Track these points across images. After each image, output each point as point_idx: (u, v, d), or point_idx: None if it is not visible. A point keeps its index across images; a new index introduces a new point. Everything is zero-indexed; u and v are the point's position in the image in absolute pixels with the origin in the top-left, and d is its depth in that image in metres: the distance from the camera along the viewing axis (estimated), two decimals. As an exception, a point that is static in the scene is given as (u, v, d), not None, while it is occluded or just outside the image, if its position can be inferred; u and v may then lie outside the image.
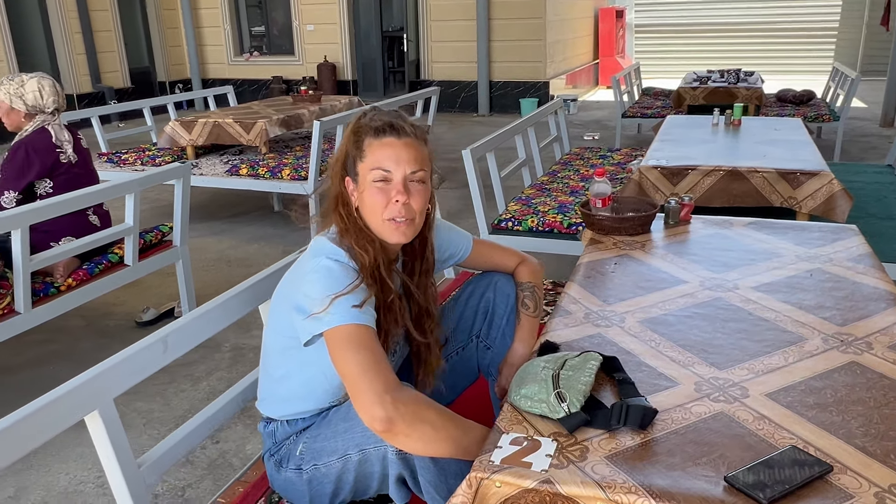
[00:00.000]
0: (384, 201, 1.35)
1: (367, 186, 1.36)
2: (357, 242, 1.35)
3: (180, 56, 11.75)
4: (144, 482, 1.32)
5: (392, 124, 1.36)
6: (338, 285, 1.27)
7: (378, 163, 1.35)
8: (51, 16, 9.65)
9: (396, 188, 1.35)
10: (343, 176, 1.41)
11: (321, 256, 1.32)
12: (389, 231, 1.38)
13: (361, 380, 1.16)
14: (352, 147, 1.38)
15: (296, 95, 5.99)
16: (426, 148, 1.41)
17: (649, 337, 1.51)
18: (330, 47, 10.90)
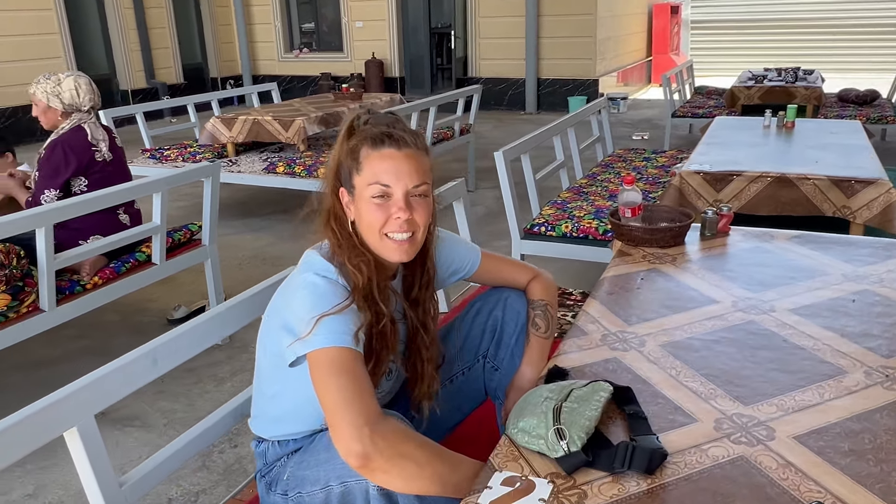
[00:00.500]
0: (383, 218, 1.26)
1: (364, 201, 1.27)
2: (350, 260, 1.26)
3: (232, 53, 11.91)
4: (126, 502, 1.27)
5: (391, 134, 1.26)
6: (324, 304, 1.19)
7: (377, 177, 1.25)
8: (108, 12, 9.88)
9: (397, 204, 1.26)
10: (336, 187, 1.32)
11: (309, 272, 1.25)
12: (389, 249, 1.29)
13: (339, 410, 1.08)
14: (346, 157, 1.29)
15: (337, 93, 5.97)
16: (427, 158, 1.31)
17: (670, 364, 1.39)
18: (378, 44, 10.88)
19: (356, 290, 1.24)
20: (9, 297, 2.46)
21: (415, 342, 1.41)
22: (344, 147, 1.29)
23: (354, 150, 1.27)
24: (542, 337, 1.46)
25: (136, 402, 2.79)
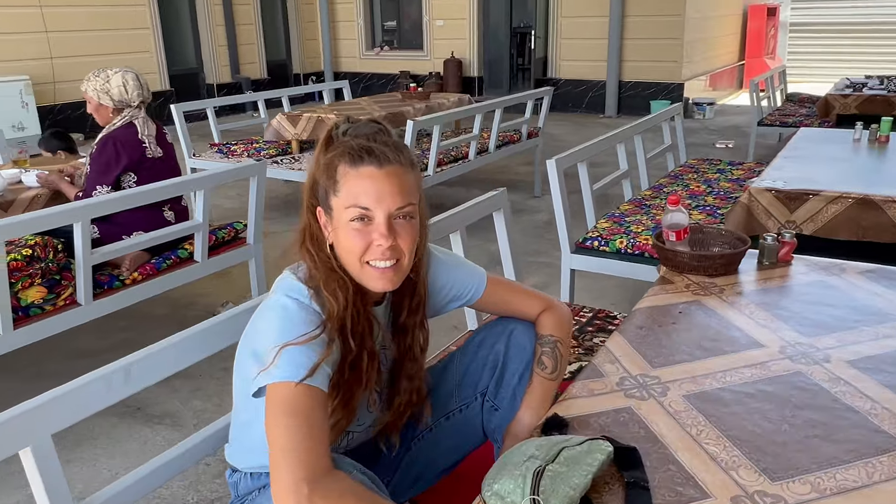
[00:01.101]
0: (364, 244, 1.13)
1: (342, 225, 1.14)
2: (326, 285, 1.14)
3: (315, 49, 12.09)
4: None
5: (370, 149, 1.12)
6: (292, 331, 1.07)
7: (355, 199, 1.12)
8: (198, 9, 10.19)
9: (379, 230, 1.12)
10: (313, 205, 1.19)
11: (281, 294, 1.13)
12: (371, 278, 1.16)
13: (282, 457, 0.96)
14: (322, 174, 1.16)
15: (405, 92, 5.89)
16: (413, 173, 1.17)
17: (692, 419, 1.20)
18: (457, 43, 10.78)
19: (330, 318, 1.12)
20: (45, 290, 2.48)
21: (399, 371, 1.28)
22: (320, 162, 1.16)
23: (331, 168, 1.14)
24: (547, 378, 1.30)
25: (169, 400, 2.78)
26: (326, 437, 1.02)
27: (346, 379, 1.16)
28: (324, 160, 1.15)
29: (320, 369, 1.05)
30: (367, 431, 1.31)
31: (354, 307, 1.15)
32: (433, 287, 1.33)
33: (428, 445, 1.36)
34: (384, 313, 1.27)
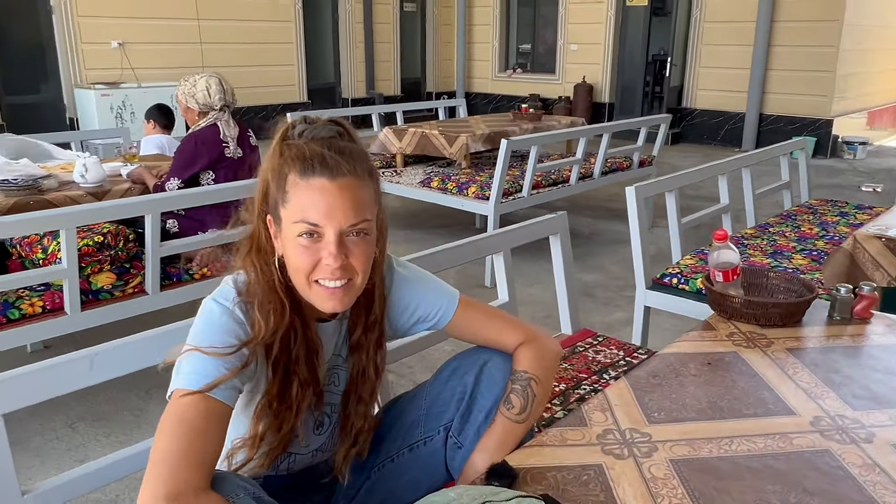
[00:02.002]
0: (311, 262, 1.04)
1: (290, 240, 1.04)
2: (261, 305, 1.05)
3: (450, 69, 12.28)
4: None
5: (323, 158, 1.02)
6: (208, 337, 1.01)
7: (303, 213, 1.02)
8: (340, 27, 10.66)
9: (328, 248, 1.03)
10: (264, 213, 1.10)
11: (212, 296, 1.07)
12: (320, 297, 1.06)
13: (150, 469, 0.89)
14: (272, 180, 1.06)
15: (516, 112, 5.80)
16: (370, 185, 1.07)
17: (668, 490, 1.01)
18: (590, 68, 10.56)
19: (255, 338, 1.03)
20: (114, 277, 2.60)
21: (351, 391, 1.18)
22: (272, 168, 1.06)
23: (281, 175, 1.04)
24: (511, 419, 1.14)
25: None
26: (212, 454, 0.93)
27: (275, 406, 1.07)
28: (276, 168, 1.06)
29: (227, 383, 0.98)
30: (315, 455, 1.22)
31: (288, 331, 1.07)
32: (396, 306, 1.22)
33: (388, 476, 1.25)
34: (336, 330, 1.18)
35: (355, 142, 1.09)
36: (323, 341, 1.13)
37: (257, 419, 1.08)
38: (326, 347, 1.15)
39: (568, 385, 1.80)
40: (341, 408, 1.20)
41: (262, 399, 1.08)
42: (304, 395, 1.09)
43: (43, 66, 8.02)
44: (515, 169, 4.80)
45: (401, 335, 1.26)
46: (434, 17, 11.89)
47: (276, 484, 1.18)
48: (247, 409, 1.10)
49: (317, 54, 10.54)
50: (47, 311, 2.45)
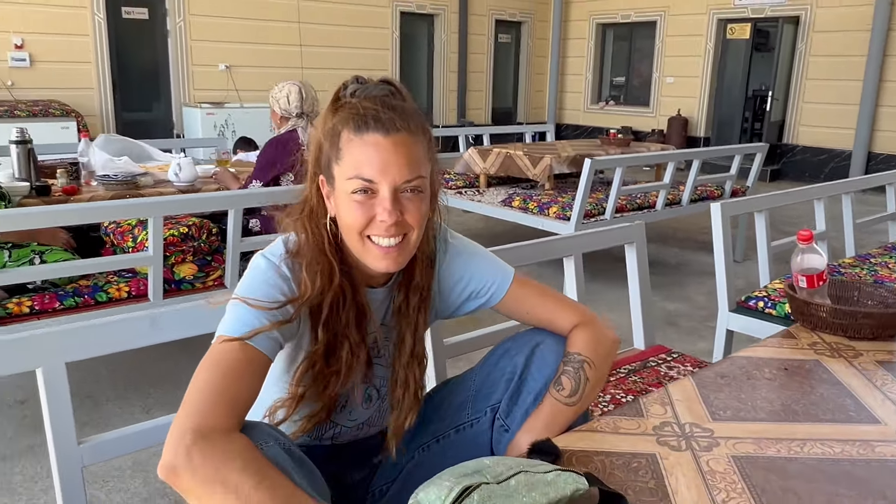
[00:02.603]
0: (365, 218, 1.03)
1: (343, 197, 1.04)
2: (309, 266, 1.05)
3: (541, 100, 12.29)
4: (81, 460, 1.22)
5: (377, 114, 1.01)
6: (253, 288, 1.01)
7: (357, 169, 1.02)
8: (435, 56, 10.88)
9: (383, 204, 1.02)
10: (316, 174, 1.10)
11: (260, 252, 1.08)
12: (373, 256, 1.05)
13: (185, 404, 0.89)
14: (325, 140, 1.06)
15: (604, 138, 5.71)
16: (424, 140, 1.05)
17: (727, 483, 0.93)
18: (685, 101, 10.32)
19: (299, 298, 1.03)
20: (196, 268, 2.69)
21: (399, 366, 1.15)
22: (325, 127, 1.07)
23: (334, 133, 1.04)
24: (560, 401, 1.08)
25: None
26: (245, 399, 0.92)
27: (319, 368, 1.06)
28: (329, 127, 1.06)
29: (268, 334, 0.98)
30: (361, 428, 1.20)
31: (337, 294, 1.06)
32: (448, 279, 1.19)
33: (432, 457, 1.21)
34: (385, 297, 1.16)
35: (407, 101, 1.08)
36: (372, 308, 1.12)
37: (298, 380, 1.07)
38: (376, 314, 1.13)
39: (636, 398, 1.71)
40: (390, 383, 1.17)
41: (304, 360, 1.07)
42: (354, 359, 1.07)
43: (156, 86, 8.56)
44: (600, 192, 4.71)
45: (451, 312, 1.22)
46: (528, 49, 11.97)
47: (318, 453, 1.16)
48: (289, 369, 1.10)
49: (411, 82, 10.77)
50: (132, 297, 2.56)
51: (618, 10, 11.08)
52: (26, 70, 7.50)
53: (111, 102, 8.12)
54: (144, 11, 8.30)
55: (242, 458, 0.84)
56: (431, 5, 10.49)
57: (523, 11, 11.64)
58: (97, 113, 7.93)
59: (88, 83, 7.94)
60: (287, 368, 1.10)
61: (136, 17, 8.28)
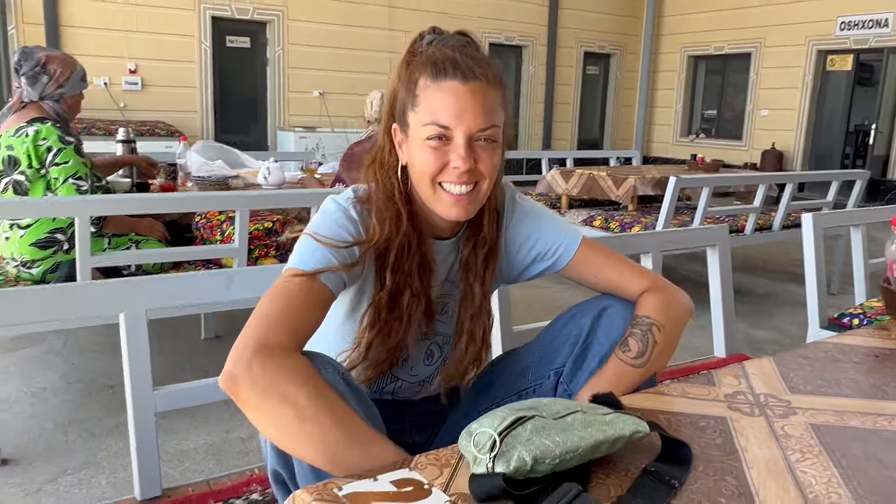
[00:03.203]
0: (439, 164, 1.04)
1: (417, 143, 1.05)
2: (378, 212, 1.06)
3: (628, 132, 12.14)
4: (155, 405, 1.27)
5: (455, 61, 1.02)
6: (323, 227, 1.03)
7: (433, 115, 1.02)
8: (522, 86, 10.96)
9: (457, 151, 1.02)
10: (389, 124, 1.11)
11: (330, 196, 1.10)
12: (444, 203, 1.06)
13: (249, 324, 0.90)
14: (402, 87, 1.07)
15: (692, 162, 5.58)
16: (500, 91, 1.06)
17: (802, 446, 0.87)
18: (781, 134, 9.96)
19: (368, 241, 1.05)
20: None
21: (464, 316, 1.14)
22: (402, 74, 1.08)
23: (411, 80, 1.06)
24: (625, 361, 1.04)
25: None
26: (307, 326, 0.94)
27: (384, 316, 1.07)
28: (406, 74, 1.08)
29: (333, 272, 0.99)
30: (422, 385, 1.19)
31: (402, 242, 1.07)
32: (515, 239, 1.18)
33: (493, 423, 1.19)
34: (451, 250, 1.16)
35: (481, 53, 1.09)
36: (437, 260, 1.12)
37: (365, 328, 1.08)
38: (440, 267, 1.14)
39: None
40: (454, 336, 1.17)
41: (369, 307, 1.08)
42: (415, 307, 1.08)
43: (254, 110, 8.99)
44: (686, 215, 4.59)
45: (517, 275, 1.21)
46: (616, 81, 11.89)
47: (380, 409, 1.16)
48: (352, 315, 1.11)
49: (497, 111, 10.86)
50: (217, 287, 2.66)
51: (710, 42, 10.88)
52: (138, 93, 8.04)
53: (212, 124, 8.58)
54: (247, 40, 8.77)
55: (300, 374, 0.86)
56: (520, 37, 10.61)
57: (613, 44, 11.60)
58: (199, 133, 8.38)
59: (192, 106, 8.42)
60: (349, 316, 1.11)
61: (238, 45, 8.76)
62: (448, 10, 9.68)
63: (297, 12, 8.72)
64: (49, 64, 2.55)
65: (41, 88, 2.55)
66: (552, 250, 1.18)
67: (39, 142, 2.44)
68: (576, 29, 11.08)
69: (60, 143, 2.46)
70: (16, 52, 2.58)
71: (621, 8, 11.48)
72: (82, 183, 2.49)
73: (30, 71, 2.51)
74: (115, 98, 7.84)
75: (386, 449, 0.84)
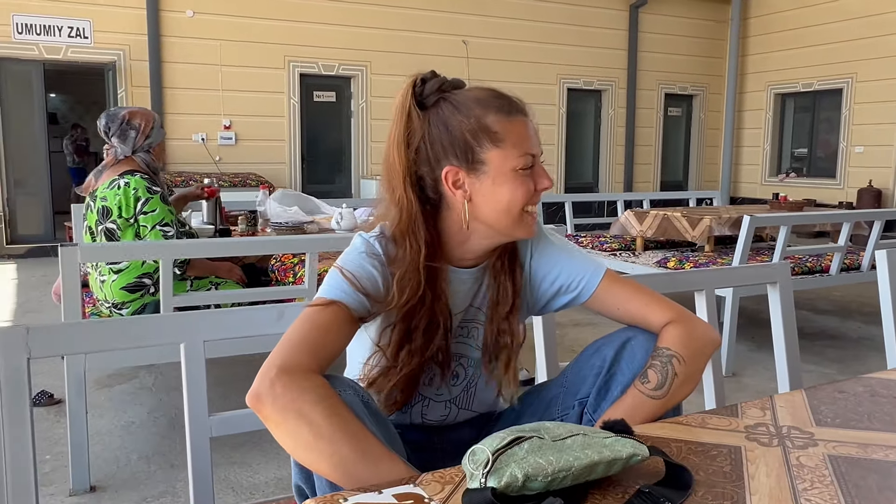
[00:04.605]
0: (531, 191, 1.14)
1: (507, 176, 1.11)
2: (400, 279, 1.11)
3: (714, 173, 11.87)
4: (210, 430, 1.36)
5: (509, 98, 1.15)
6: (349, 263, 1.11)
7: (523, 146, 1.12)
8: (602, 129, 10.95)
9: (541, 174, 1.15)
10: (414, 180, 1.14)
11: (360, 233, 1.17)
12: (526, 227, 1.16)
13: (275, 350, 0.98)
14: (463, 130, 1.10)
15: (773, 202, 5.41)
16: None
17: (814, 477, 0.86)
18: (878, 171, 9.49)
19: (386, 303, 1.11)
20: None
21: (489, 338, 1.20)
22: (455, 119, 1.12)
23: (481, 120, 1.11)
24: (644, 392, 1.05)
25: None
26: (329, 349, 1.01)
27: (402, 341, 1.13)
28: (465, 116, 1.12)
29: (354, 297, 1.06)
30: (450, 407, 1.24)
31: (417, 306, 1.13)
32: (538, 271, 1.22)
33: (522, 453, 1.21)
34: (477, 278, 1.21)
35: None
36: (459, 289, 1.18)
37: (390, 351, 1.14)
38: (461, 296, 1.19)
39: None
40: (483, 358, 1.21)
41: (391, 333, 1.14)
42: (434, 334, 1.13)
43: (339, 160, 9.38)
44: (766, 255, 4.45)
45: (542, 307, 1.25)
46: (700, 121, 11.70)
47: (411, 438, 1.22)
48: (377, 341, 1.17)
49: (577, 155, 10.89)
50: (288, 327, 2.79)
51: (798, 79, 10.58)
52: (231, 147, 8.56)
53: (300, 174, 9.00)
54: (332, 95, 9.22)
55: (317, 394, 0.93)
56: (599, 81, 10.65)
57: (695, 84, 11.46)
58: (287, 184, 8.81)
59: (281, 158, 8.88)
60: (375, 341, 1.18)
61: (325, 100, 9.21)
62: (524, 57, 9.87)
63: (379, 66, 9.10)
64: (133, 119, 2.80)
65: (132, 143, 2.80)
66: (575, 283, 1.21)
67: (131, 192, 2.67)
68: (656, 71, 11.03)
69: (148, 193, 2.68)
70: (101, 118, 2.83)
71: (703, 49, 11.36)
72: (168, 229, 2.70)
73: (118, 129, 2.76)
74: (211, 152, 8.37)
75: (396, 466, 0.89)
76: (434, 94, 1.14)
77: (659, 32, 10.92)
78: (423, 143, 1.14)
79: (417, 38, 9.26)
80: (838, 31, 9.87)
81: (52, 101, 12.29)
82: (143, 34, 7.96)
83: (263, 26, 8.51)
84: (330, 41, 8.85)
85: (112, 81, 8.09)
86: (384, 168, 1.18)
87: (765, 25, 10.98)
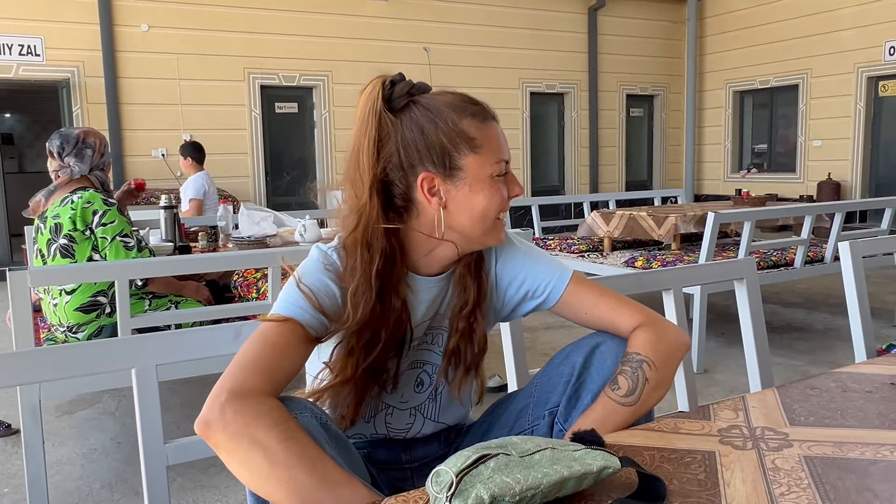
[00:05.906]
0: (505, 198, 1.11)
1: (484, 182, 1.07)
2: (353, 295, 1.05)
3: (678, 171, 12.00)
4: (166, 458, 1.30)
5: (481, 106, 1.12)
6: (306, 276, 1.06)
7: (499, 153, 1.10)
8: (565, 132, 11.02)
9: (513, 181, 1.12)
10: (376, 187, 1.06)
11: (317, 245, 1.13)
12: (497, 233, 1.13)
13: (227, 371, 0.92)
14: (440, 134, 1.05)
15: (737, 197, 5.47)
16: None
17: (791, 480, 0.83)
18: (836, 164, 9.69)
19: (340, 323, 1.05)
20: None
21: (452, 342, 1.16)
22: (429, 123, 1.06)
23: (452, 124, 1.06)
24: (614, 399, 1.02)
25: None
26: (283, 369, 0.95)
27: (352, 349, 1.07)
28: (442, 121, 1.06)
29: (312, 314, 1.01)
30: (414, 415, 1.19)
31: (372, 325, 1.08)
32: (504, 276, 1.18)
33: (492, 466, 1.17)
34: (441, 287, 1.16)
35: None
36: (424, 298, 1.14)
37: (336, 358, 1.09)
38: (427, 304, 1.15)
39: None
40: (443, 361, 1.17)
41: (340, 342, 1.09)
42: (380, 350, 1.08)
43: (304, 172, 9.28)
44: (731, 251, 4.48)
45: (507, 313, 1.21)
46: (662, 121, 11.83)
47: (380, 456, 1.17)
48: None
49: (541, 158, 10.93)
50: (253, 344, 2.72)
51: (755, 76, 10.76)
52: (193, 162, 8.41)
53: (264, 187, 8.88)
54: (294, 106, 9.12)
55: (271, 418, 0.87)
56: (560, 84, 10.71)
57: (655, 85, 11.60)
58: (251, 198, 8.68)
59: (245, 171, 8.76)
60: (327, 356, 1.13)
61: (287, 111, 9.11)
62: (486, 63, 9.88)
63: (341, 76, 9.04)
64: (87, 138, 2.72)
65: (90, 161, 2.71)
66: (542, 288, 1.17)
67: (85, 205, 2.58)
68: (616, 73, 11.14)
69: (105, 205, 2.60)
70: (53, 137, 2.74)
71: (661, 49, 11.50)
72: (129, 240, 2.62)
73: (73, 149, 2.67)
74: (171, 168, 8.21)
75: (357, 490, 0.84)
76: (403, 97, 1.08)
77: (618, 34, 11.03)
78: (396, 147, 1.08)
79: (379, 47, 9.21)
80: (792, 28, 10.07)
81: (6, 122, 12.00)
82: (98, 50, 7.80)
83: (221, 38, 8.39)
84: (290, 52, 8.76)
85: (67, 99, 7.91)
86: (347, 174, 1.10)
87: (721, 24, 11.16)
